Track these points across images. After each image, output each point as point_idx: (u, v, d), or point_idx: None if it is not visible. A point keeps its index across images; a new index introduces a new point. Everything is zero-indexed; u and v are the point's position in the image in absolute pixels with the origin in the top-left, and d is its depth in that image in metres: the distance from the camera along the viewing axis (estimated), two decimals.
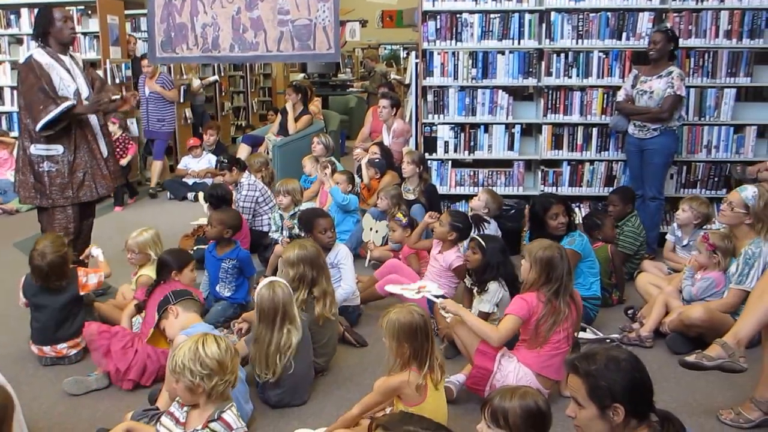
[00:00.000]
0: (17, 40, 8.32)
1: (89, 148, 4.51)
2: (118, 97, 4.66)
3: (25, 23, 8.13)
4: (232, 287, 4.31)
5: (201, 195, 6.33)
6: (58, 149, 4.40)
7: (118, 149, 7.20)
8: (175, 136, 9.35)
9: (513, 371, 3.08)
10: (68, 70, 4.43)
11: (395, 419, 1.84)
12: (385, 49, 18.59)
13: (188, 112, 9.68)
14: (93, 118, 4.56)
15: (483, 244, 3.76)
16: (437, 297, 3.53)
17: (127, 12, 8.84)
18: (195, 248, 5.29)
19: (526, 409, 2.15)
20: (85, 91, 4.51)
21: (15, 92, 8.30)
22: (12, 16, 8.19)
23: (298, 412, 3.21)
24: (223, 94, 11.89)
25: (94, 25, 8.02)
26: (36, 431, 2.97)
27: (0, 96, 8.47)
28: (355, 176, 6.19)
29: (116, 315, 4.04)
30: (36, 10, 7.87)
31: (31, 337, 3.78)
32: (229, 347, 2.54)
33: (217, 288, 4.33)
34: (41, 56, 4.36)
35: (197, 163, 8.34)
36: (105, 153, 4.64)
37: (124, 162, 7.39)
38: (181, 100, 9.35)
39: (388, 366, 2.80)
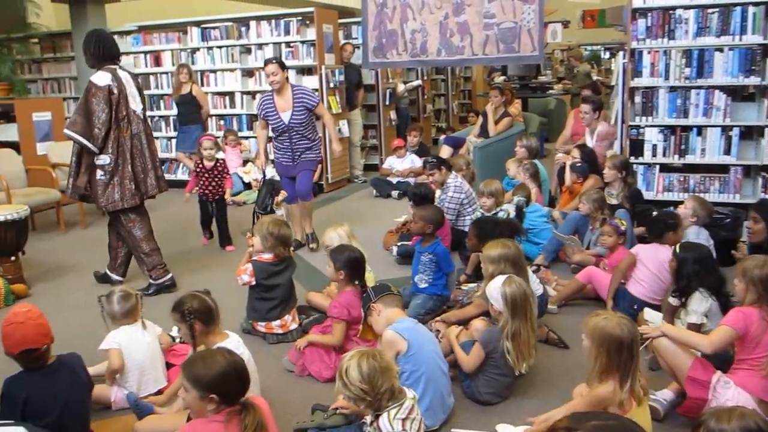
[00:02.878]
0: (246, 50, 9.17)
1: None
2: None
3: (253, 34, 9.00)
4: (429, 280, 4.47)
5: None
6: None
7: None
8: (382, 138, 9.85)
9: (731, 399, 2.89)
10: None
11: (577, 417, 1.82)
12: (585, 49, 18.12)
13: (393, 114, 10.21)
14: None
15: (677, 251, 3.60)
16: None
17: (339, 21, 9.44)
18: (399, 244, 5.58)
19: (746, 431, 2.01)
20: None
21: (243, 97, 9.22)
22: (243, 29, 9.07)
23: (498, 409, 3.31)
24: (425, 97, 12.30)
25: (311, 33, 8.67)
26: None
27: (232, 100, 9.33)
28: (556, 178, 6.13)
29: (327, 304, 4.35)
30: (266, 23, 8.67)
31: (260, 317, 4.18)
32: (368, 377, 2.52)
33: (416, 279, 4.55)
34: None
35: (401, 163, 8.72)
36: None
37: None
38: (387, 103, 9.92)
39: (588, 370, 2.78)
